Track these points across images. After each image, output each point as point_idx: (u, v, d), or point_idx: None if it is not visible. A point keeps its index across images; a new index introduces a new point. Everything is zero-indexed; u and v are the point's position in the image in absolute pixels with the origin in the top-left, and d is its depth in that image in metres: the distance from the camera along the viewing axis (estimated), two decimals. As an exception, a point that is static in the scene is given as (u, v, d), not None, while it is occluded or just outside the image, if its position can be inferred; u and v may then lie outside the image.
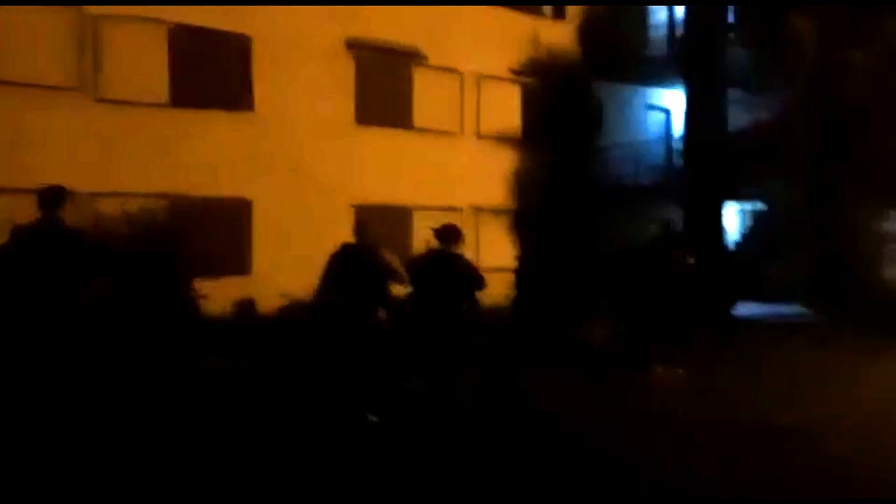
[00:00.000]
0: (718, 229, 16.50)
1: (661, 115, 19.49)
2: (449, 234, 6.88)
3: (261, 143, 13.05)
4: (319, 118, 13.71)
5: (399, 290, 7.00)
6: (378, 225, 13.94)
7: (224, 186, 12.64)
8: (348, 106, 14.05)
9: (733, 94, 19.01)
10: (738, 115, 19.47)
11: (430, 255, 7.06)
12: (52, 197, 5.45)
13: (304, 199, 13.48)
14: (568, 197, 16.45)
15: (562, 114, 16.75)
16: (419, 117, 14.89)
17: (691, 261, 14.94)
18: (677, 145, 17.78)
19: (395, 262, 7.03)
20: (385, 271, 6.91)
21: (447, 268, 6.66)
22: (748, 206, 19.55)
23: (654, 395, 8.42)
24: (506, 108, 16.21)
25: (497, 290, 9.63)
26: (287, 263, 13.07)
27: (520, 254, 15.97)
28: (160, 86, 12.18)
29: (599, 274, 15.31)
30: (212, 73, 12.58)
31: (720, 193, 16.33)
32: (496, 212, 15.81)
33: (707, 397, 8.24)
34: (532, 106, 16.54)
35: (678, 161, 17.26)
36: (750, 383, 8.95)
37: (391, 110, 14.55)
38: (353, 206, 14.03)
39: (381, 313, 6.83)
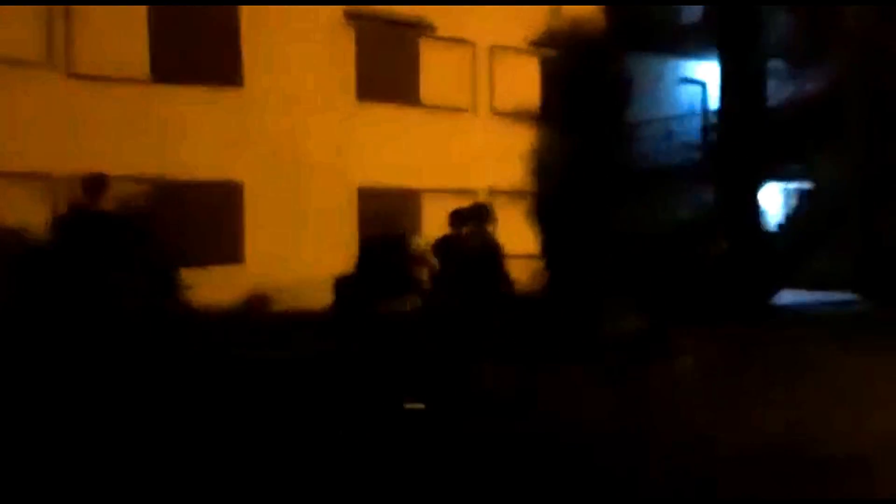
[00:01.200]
0: (757, 211, 15.13)
1: (697, 89, 18.06)
2: (479, 213, 7.04)
3: (252, 121, 12.06)
4: (317, 94, 12.67)
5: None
6: (385, 209, 13.07)
7: (212, 169, 11.68)
8: (349, 81, 12.99)
9: (775, 64, 17.58)
10: (781, 88, 18.03)
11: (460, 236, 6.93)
12: (94, 184, 5.58)
13: (300, 182, 12.49)
14: (593, 178, 15.20)
15: (586, 89, 15.46)
16: (427, 93, 13.77)
17: (724, 246, 13.72)
18: (713, 121, 16.39)
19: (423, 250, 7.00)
20: (414, 260, 6.89)
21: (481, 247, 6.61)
22: (792, 185, 18.08)
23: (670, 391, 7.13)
24: (523, 83, 14.97)
25: (516, 277, 8.51)
26: (283, 251, 12.15)
27: (541, 240, 14.81)
28: (140, 59, 11.25)
29: (626, 262, 14.16)
30: (197, 46, 11.60)
31: (759, 173, 14.94)
32: (514, 194, 14.60)
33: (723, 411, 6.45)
34: (552, 80, 15.26)
35: (714, 138, 15.88)
36: (781, 392, 7.23)
37: (396, 86, 13.46)
38: (357, 189, 13.10)
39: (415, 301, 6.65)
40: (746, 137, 14.37)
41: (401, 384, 6.19)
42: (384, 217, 13.16)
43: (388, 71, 13.32)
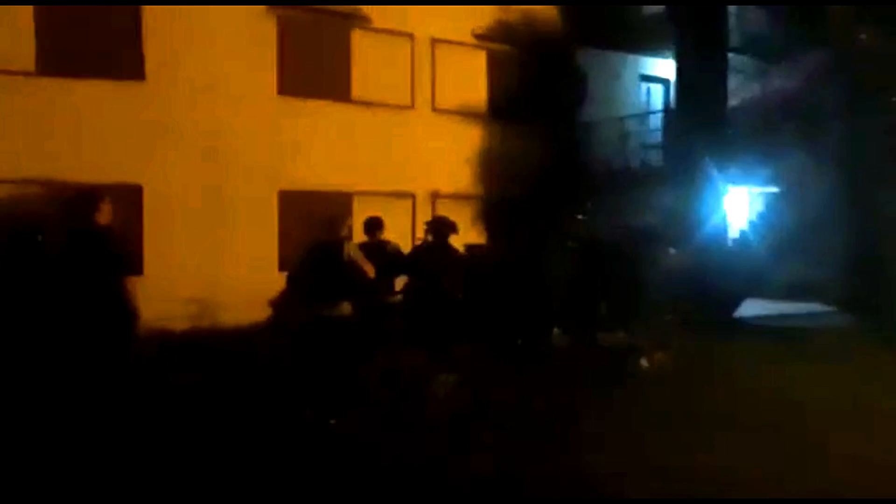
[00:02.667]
0: (719, 218, 14.10)
1: (658, 87, 17.02)
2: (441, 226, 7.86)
3: (154, 117, 10.88)
4: (231, 89, 11.52)
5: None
6: (310, 213, 11.91)
7: (107, 170, 10.51)
8: (269, 74, 11.85)
9: (741, 61, 16.57)
10: (749, 86, 17.04)
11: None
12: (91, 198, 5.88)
13: (212, 185, 11.33)
14: (544, 182, 14.14)
15: (537, 86, 14.42)
16: (359, 88, 12.62)
17: (682, 255, 12.69)
18: (675, 121, 15.35)
19: (362, 257, 6.74)
20: (355, 267, 6.60)
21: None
22: (760, 189, 17.03)
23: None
24: (468, 79, 13.88)
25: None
26: (190, 262, 11.00)
27: (488, 247, 13.70)
28: (24, 50, 10.10)
29: (579, 271, 13.13)
30: (90, 34, 10.45)
31: (722, 176, 13.90)
32: (457, 198, 13.54)
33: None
34: (501, 76, 14.20)
35: (677, 139, 14.82)
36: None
37: (324, 80, 12.30)
38: (278, 193, 11.96)
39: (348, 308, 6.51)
40: (707, 139, 13.34)
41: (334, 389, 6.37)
42: (309, 222, 12.03)
43: (314, 64, 12.17)
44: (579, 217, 13.83)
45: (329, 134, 12.32)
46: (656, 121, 16.05)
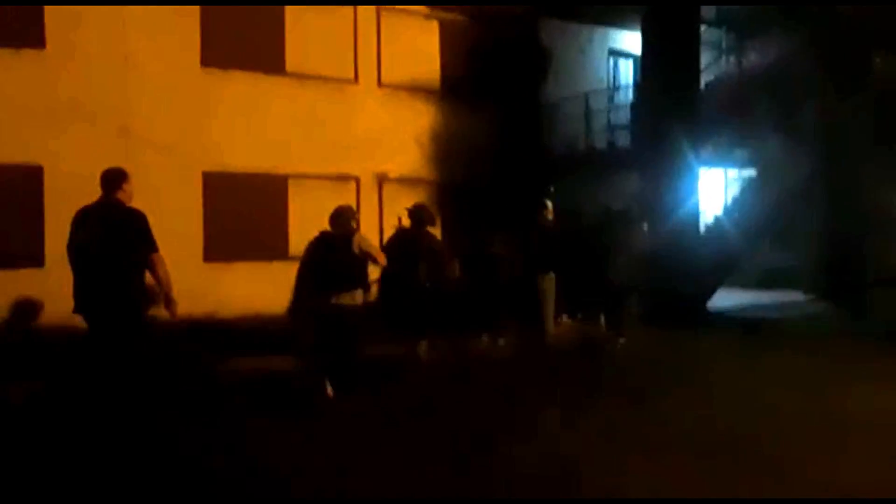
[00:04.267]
0: (690, 202, 13.10)
1: (628, 62, 15.95)
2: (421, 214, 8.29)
3: (57, 90, 9.75)
4: (148, 60, 10.38)
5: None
6: (239, 197, 10.84)
7: (4, 149, 9.41)
8: (191, 44, 10.71)
9: (716, 35, 15.57)
10: (723, 62, 16.04)
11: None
12: (112, 178, 5.63)
13: (126, 166, 10.19)
14: (503, 163, 13.11)
15: (496, 60, 13.34)
16: (295, 60, 11.51)
17: (649, 241, 11.76)
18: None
19: (372, 246, 7.09)
20: (363, 256, 6.86)
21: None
22: (736, 172, 16.10)
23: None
24: (419, 52, 12.78)
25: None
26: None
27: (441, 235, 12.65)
28: None
29: (539, 257, 12.15)
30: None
31: (693, 158, 12.90)
32: (407, 182, 12.49)
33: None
34: (456, 49, 13.11)
35: (645, 118, 13.78)
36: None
37: (253, 51, 11.18)
38: (202, 174, 10.87)
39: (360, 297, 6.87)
40: (678, 118, 12.31)
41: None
42: (237, 207, 11.00)
43: (243, 34, 11.05)
44: (540, 202, 12.88)
45: (260, 111, 11.22)
46: (625, 98, 15.02)
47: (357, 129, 12.03)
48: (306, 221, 11.77)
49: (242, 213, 11.03)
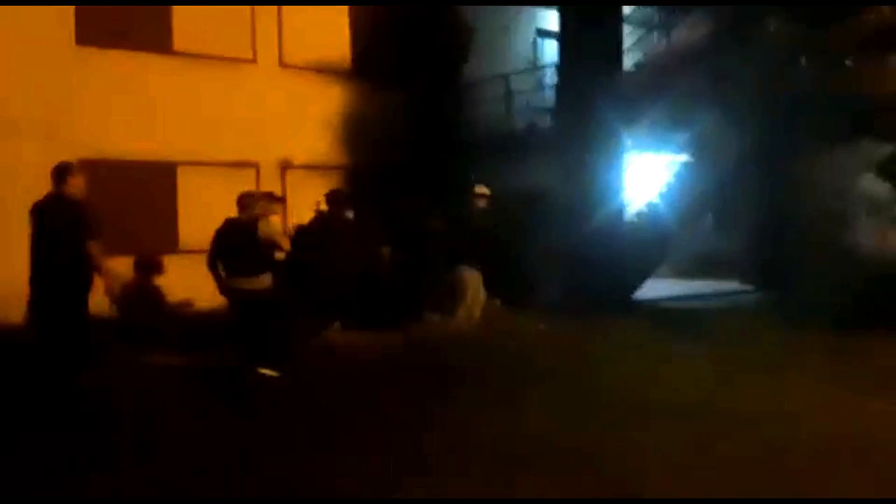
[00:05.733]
0: (614, 189, 12.49)
1: (555, 43, 15.27)
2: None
3: None
4: (13, 36, 9.47)
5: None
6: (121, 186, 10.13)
7: None
8: (64, 20, 9.85)
9: (645, 13, 14.98)
10: (651, 40, 15.47)
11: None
12: (60, 171, 6.25)
13: (-11, 153, 9.38)
14: (421, 146, 12.40)
15: (412, 38, 12.61)
16: (183, 38, 10.68)
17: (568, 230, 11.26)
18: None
19: (277, 232, 7.52)
20: (268, 242, 7.13)
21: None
22: (671, 158, 15.52)
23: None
24: (326, 29, 12.01)
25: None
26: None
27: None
28: None
29: (456, 247, 11.56)
30: None
31: (617, 142, 12.28)
32: (314, 168, 11.74)
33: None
34: (368, 27, 12.36)
35: (565, 100, 13.12)
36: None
37: (137, 27, 10.33)
38: (77, 162, 9.98)
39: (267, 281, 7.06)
40: (599, 98, 11.68)
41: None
42: (119, 197, 10.17)
43: (124, 8, 10.20)
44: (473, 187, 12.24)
45: (145, 94, 10.37)
46: (553, 80, 14.33)
47: (256, 113, 11.23)
48: (199, 212, 11.04)
49: (126, 203, 10.20)
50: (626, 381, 6.48)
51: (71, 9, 9.83)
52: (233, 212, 11.54)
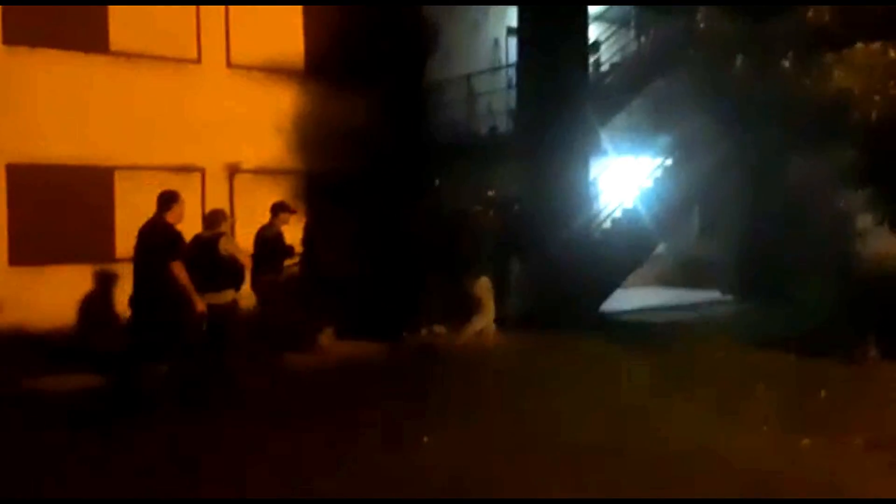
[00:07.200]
0: (584, 194, 11.92)
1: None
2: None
3: None
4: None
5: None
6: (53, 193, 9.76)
7: None
8: (-13, 18, 9.42)
9: (622, 10, 14.38)
10: (624, 37, 14.84)
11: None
12: (164, 199, 7.06)
13: None
14: (380, 151, 11.87)
15: (372, 37, 12.09)
16: (120, 37, 10.19)
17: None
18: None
19: (237, 248, 7.71)
20: (229, 258, 7.42)
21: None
22: (647, 161, 14.92)
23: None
24: (277, 28, 11.50)
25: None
26: None
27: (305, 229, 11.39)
28: None
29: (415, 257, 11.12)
30: None
31: (584, 146, 11.71)
32: (264, 173, 11.26)
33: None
34: (323, 24, 11.82)
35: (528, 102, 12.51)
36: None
37: (69, 26, 9.85)
38: (6, 166, 9.57)
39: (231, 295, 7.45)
40: (562, 100, 11.11)
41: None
42: (51, 204, 9.73)
43: (55, 6, 9.73)
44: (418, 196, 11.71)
45: (79, 95, 9.90)
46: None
47: (201, 115, 10.72)
48: (138, 219, 10.57)
49: (58, 210, 9.77)
50: (544, 412, 5.97)
51: (-3, 5, 9.39)
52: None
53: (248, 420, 5.94)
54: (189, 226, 10.39)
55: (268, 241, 8.91)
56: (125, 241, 10.34)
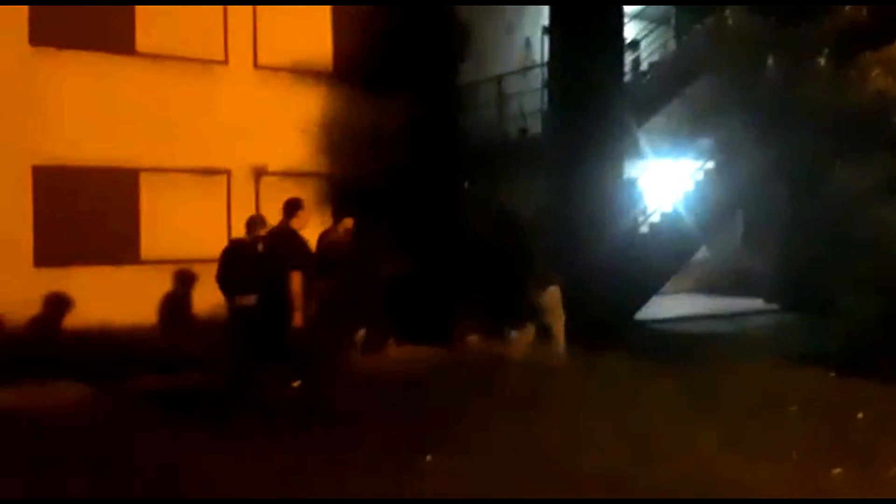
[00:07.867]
0: (619, 200, 11.53)
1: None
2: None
3: None
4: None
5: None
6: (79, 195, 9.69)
7: None
8: (16, 19, 9.38)
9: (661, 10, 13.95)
10: (673, 41, 14.40)
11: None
12: (291, 206, 7.30)
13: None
14: (411, 154, 11.64)
15: (403, 39, 11.85)
16: (147, 38, 10.14)
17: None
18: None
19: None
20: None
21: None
22: (688, 164, 14.44)
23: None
24: (305, 29, 11.35)
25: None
26: None
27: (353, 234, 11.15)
28: None
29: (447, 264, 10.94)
30: None
31: (621, 150, 11.32)
32: (290, 176, 11.10)
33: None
34: (352, 25, 11.63)
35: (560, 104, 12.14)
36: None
37: (96, 26, 9.83)
38: (31, 168, 9.58)
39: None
40: (595, 101, 10.75)
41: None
42: (77, 206, 9.72)
43: (82, 6, 9.70)
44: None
45: (105, 97, 9.86)
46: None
47: (228, 117, 10.62)
48: (163, 220, 10.55)
49: (83, 212, 9.76)
50: (555, 436, 5.64)
51: (24, 8, 9.39)
52: (202, 219, 11.10)
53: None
54: (214, 228, 10.71)
55: (333, 245, 8.97)
56: (150, 242, 10.44)
